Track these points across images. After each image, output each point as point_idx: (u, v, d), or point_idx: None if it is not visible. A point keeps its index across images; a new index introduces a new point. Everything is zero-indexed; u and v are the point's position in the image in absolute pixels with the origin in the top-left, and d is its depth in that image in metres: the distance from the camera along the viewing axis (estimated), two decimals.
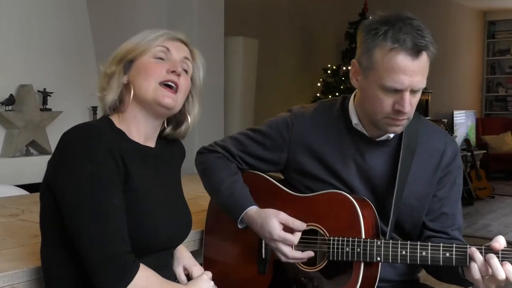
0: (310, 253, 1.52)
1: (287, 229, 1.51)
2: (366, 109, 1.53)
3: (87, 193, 1.17)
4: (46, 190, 1.25)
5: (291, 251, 1.51)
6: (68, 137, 1.23)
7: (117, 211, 1.19)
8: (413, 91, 1.44)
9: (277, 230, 1.50)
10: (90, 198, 1.16)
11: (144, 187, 1.28)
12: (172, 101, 1.31)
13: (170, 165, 1.44)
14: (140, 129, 1.34)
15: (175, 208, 1.39)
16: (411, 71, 1.41)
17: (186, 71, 1.36)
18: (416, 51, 1.40)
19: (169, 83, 1.31)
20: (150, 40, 1.33)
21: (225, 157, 1.69)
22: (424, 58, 1.42)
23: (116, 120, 1.33)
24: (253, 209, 1.57)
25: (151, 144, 1.38)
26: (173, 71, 1.31)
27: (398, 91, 1.43)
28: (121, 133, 1.31)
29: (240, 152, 1.68)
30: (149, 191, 1.29)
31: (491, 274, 1.32)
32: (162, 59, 1.32)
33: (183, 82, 1.33)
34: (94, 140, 1.21)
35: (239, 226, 1.60)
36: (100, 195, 1.17)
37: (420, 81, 1.43)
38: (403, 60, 1.40)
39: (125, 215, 1.21)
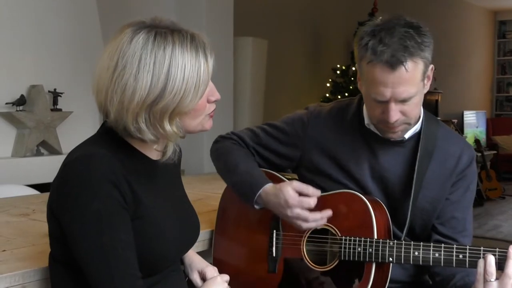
0: (328, 212, 1.49)
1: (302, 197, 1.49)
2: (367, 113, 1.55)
3: (94, 232, 1.13)
4: (52, 217, 1.22)
5: (310, 213, 1.47)
6: (71, 171, 1.16)
7: (125, 247, 1.15)
8: (401, 100, 1.42)
9: (292, 196, 1.47)
10: (97, 237, 1.13)
11: (155, 209, 1.23)
12: (212, 122, 1.27)
13: (173, 170, 1.40)
14: (159, 143, 1.27)
15: (183, 218, 1.35)
16: (391, 83, 1.39)
17: None
18: (392, 64, 1.37)
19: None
20: (206, 79, 1.17)
21: (240, 145, 1.70)
22: (403, 69, 1.38)
23: (130, 140, 1.23)
24: (269, 185, 1.55)
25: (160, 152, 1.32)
26: (215, 100, 1.24)
27: (383, 102, 1.43)
28: (131, 150, 1.23)
29: (255, 144, 1.69)
30: (160, 211, 1.25)
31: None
32: None
33: None
34: (97, 173, 1.14)
35: (256, 207, 1.56)
36: (107, 233, 1.13)
37: (405, 91, 1.40)
38: (380, 73, 1.39)
39: (134, 247, 1.17)
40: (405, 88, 1.40)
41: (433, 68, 1.48)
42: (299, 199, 1.47)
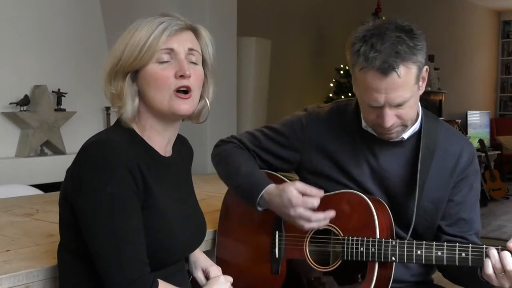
0: (331, 213, 1.47)
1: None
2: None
3: (106, 215, 1.15)
4: (64, 201, 1.24)
5: (313, 213, 1.45)
6: (88, 154, 1.19)
7: (136, 232, 1.17)
8: (396, 105, 1.41)
9: (296, 196, 1.45)
10: (109, 220, 1.15)
11: (163, 202, 1.26)
12: (188, 107, 1.26)
13: (184, 170, 1.42)
14: (163, 136, 1.31)
15: (191, 217, 1.37)
16: (384, 89, 1.39)
17: (194, 63, 1.28)
18: (383, 70, 1.36)
19: (182, 89, 1.26)
20: (154, 44, 1.23)
21: (241, 148, 1.70)
22: (395, 75, 1.37)
23: (137, 128, 1.29)
24: (271, 186, 1.54)
25: (170, 150, 1.35)
26: (182, 76, 1.24)
27: (378, 107, 1.42)
28: (143, 143, 1.28)
29: (255, 147, 1.69)
30: (167, 205, 1.27)
31: (505, 271, 1.32)
32: (166, 61, 1.25)
33: (194, 80, 1.27)
34: (114, 158, 1.17)
35: (259, 208, 1.55)
36: (119, 217, 1.15)
37: (399, 96, 1.40)
38: (372, 79, 1.38)
39: (143, 235, 1.19)
40: (399, 93, 1.39)
41: (428, 69, 1.47)
42: (302, 199, 1.45)
